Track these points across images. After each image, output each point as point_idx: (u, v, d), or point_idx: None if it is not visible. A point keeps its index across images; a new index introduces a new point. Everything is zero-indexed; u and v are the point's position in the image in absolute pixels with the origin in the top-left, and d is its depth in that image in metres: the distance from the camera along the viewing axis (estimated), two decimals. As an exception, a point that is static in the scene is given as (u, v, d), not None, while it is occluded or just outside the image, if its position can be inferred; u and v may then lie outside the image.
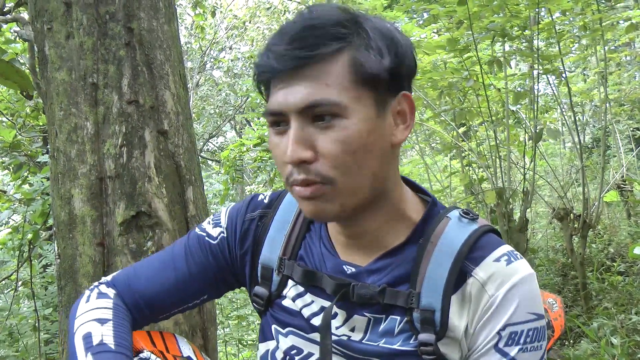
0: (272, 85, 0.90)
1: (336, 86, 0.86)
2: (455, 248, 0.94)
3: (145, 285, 1.10)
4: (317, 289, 1.02)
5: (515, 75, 4.50)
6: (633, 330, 3.36)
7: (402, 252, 0.98)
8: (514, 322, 0.91)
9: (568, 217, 3.95)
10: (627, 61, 6.52)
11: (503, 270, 0.93)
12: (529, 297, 0.92)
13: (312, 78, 0.86)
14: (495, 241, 0.97)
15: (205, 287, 1.12)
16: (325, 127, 0.87)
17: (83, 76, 1.64)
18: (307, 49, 0.85)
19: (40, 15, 1.69)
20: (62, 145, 1.64)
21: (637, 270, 4.22)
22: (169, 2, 1.80)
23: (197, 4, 7.16)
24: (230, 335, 4.94)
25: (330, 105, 0.86)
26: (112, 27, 1.65)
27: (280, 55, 0.85)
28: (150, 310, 1.11)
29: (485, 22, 3.58)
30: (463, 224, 0.97)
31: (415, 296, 0.94)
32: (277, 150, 0.92)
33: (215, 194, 7.55)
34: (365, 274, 0.99)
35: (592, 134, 7.15)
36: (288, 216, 1.08)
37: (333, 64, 0.86)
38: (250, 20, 11.68)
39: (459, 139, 4.52)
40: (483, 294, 0.92)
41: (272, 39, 0.89)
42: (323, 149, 0.87)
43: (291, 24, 0.88)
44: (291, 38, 0.85)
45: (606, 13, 3.96)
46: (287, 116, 0.88)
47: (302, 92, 0.86)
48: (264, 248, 1.08)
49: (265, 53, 0.89)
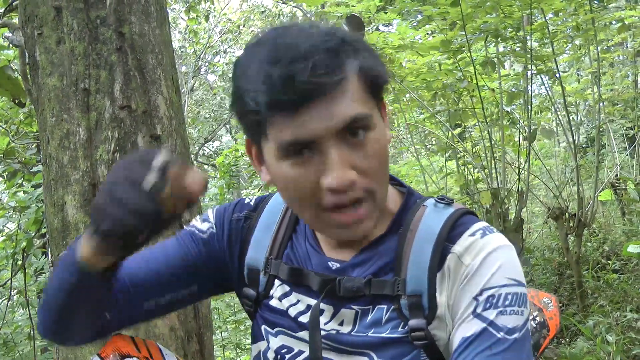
0: (284, 115, 0.85)
1: (359, 100, 0.88)
2: (434, 232, 0.96)
3: (133, 262, 1.05)
4: (302, 287, 1.03)
5: (510, 76, 4.51)
6: (628, 327, 3.37)
7: (384, 243, 1.00)
8: (491, 286, 0.91)
9: (563, 217, 3.96)
10: (620, 61, 6.54)
11: (478, 241, 0.94)
12: (506, 263, 0.93)
13: (339, 98, 0.85)
14: (472, 219, 0.99)
15: (195, 276, 1.09)
16: (360, 143, 0.88)
17: (74, 82, 1.63)
18: (336, 72, 0.84)
19: (31, 20, 1.68)
20: (54, 151, 1.63)
21: (632, 267, 4.23)
22: (161, 6, 1.80)
23: (190, 8, 7.16)
24: (229, 339, 4.92)
25: (365, 119, 0.88)
26: (103, 32, 1.65)
27: (309, 84, 0.82)
28: (134, 290, 1.05)
29: (479, 23, 3.59)
30: (439, 209, 1.00)
31: (401, 283, 0.95)
32: (300, 182, 0.89)
33: (211, 198, 7.54)
34: (350, 268, 1.00)
35: (586, 134, 7.17)
36: (274, 218, 1.09)
37: (352, 81, 0.87)
38: (244, 24, 11.68)
39: (454, 140, 4.53)
40: (460, 266, 0.93)
41: (273, 64, 0.83)
42: (363, 166, 0.88)
43: (295, 44, 0.84)
44: (313, 65, 0.82)
45: (598, 13, 3.98)
46: (318, 142, 0.86)
47: (336, 112, 0.85)
48: (250, 249, 1.09)
49: (272, 81, 0.83)
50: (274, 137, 0.87)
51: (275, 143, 0.88)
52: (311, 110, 0.84)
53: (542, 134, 4.63)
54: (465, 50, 3.69)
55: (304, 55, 0.83)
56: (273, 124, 0.86)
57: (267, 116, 0.86)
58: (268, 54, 0.85)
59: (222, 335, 4.98)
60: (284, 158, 0.88)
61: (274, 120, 0.86)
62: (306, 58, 0.82)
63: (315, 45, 0.84)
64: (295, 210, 0.98)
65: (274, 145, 0.88)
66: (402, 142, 7.09)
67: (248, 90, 0.87)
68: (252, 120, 0.89)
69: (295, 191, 0.90)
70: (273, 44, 0.86)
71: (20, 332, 3.79)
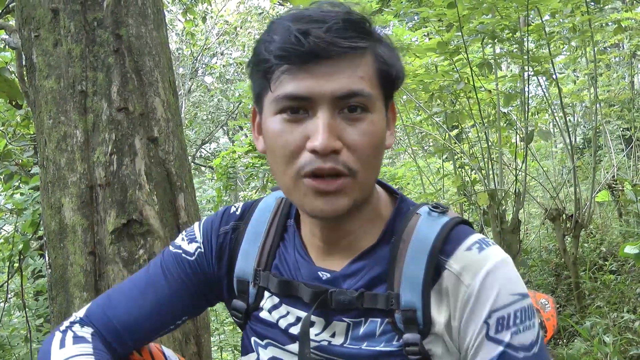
0: (290, 69, 0.87)
1: (367, 80, 0.89)
2: (428, 244, 0.94)
3: (124, 312, 1.05)
4: (292, 298, 1.01)
5: (506, 77, 4.52)
6: (625, 328, 3.38)
7: (375, 252, 0.98)
8: (498, 307, 0.90)
9: (560, 218, 3.97)
10: (616, 62, 6.56)
11: (476, 258, 0.92)
12: (507, 279, 0.91)
13: (348, 69, 0.87)
14: (466, 231, 0.97)
15: (186, 306, 1.08)
16: (355, 118, 0.88)
17: (72, 84, 1.63)
18: (350, 40, 0.86)
19: (27, 22, 1.68)
20: (52, 154, 1.63)
21: (629, 268, 4.24)
22: (158, 8, 1.79)
23: (187, 10, 7.16)
24: (226, 341, 4.91)
25: (366, 97, 0.88)
26: (101, 34, 1.65)
27: (321, 40, 0.84)
28: (132, 339, 1.06)
29: (476, 24, 3.59)
30: (433, 218, 0.97)
31: (395, 297, 0.93)
32: (286, 138, 0.89)
33: (209, 200, 7.53)
34: (340, 278, 0.98)
35: (583, 135, 7.19)
36: (261, 228, 1.07)
37: (364, 59, 0.89)
38: (241, 26, 11.68)
39: (451, 142, 4.53)
40: (460, 286, 0.91)
41: (295, 22, 0.87)
42: (352, 140, 0.87)
43: (319, 13, 0.87)
44: (329, 27, 0.85)
45: (595, 15, 3.99)
46: (313, 103, 0.87)
47: (340, 80, 0.86)
48: (239, 261, 1.06)
49: (289, 34, 0.86)
50: (275, 89, 0.88)
51: (274, 95, 0.88)
52: (317, 69, 0.85)
53: (539, 135, 4.64)
54: (462, 51, 3.69)
55: (324, 18, 0.86)
56: (278, 73, 0.87)
57: (274, 65, 0.87)
58: (293, 15, 0.88)
59: (219, 337, 4.97)
60: (278, 112, 0.89)
61: (280, 70, 0.87)
62: (325, 21, 0.85)
63: (338, 14, 0.87)
64: (276, 176, 0.94)
65: (273, 97, 0.89)
66: (400, 143, 7.10)
67: (264, 40, 0.90)
68: (260, 70, 0.90)
69: (280, 148, 0.90)
70: (301, 10, 0.89)
71: (17, 334, 3.77)
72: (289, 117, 0.89)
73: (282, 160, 0.90)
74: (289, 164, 0.89)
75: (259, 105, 0.95)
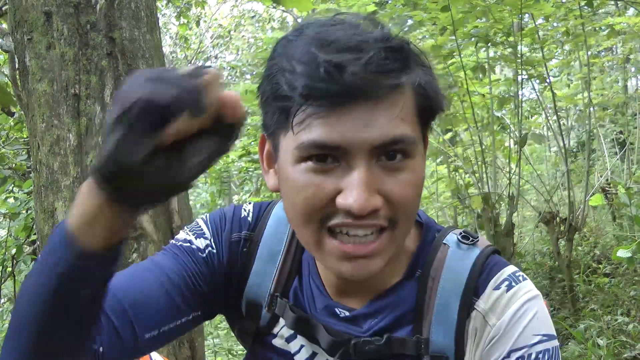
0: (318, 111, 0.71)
1: (409, 121, 0.74)
2: (460, 284, 0.84)
3: (129, 284, 0.86)
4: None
5: (500, 81, 4.54)
6: (619, 331, 3.39)
7: (400, 290, 0.87)
8: (519, 347, 0.81)
9: (554, 221, 3.98)
10: (610, 66, 6.60)
11: (503, 297, 0.83)
12: (534, 318, 0.82)
13: (388, 110, 0.72)
14: (498, 265, 0.86)
15: (201, 301, 0.91)
16: (395, 168, 0.74)
17: (65, 87, 1.62)
18: (393, 76, 0.71)
19: (20, 25, 1.67)
20: (45, 157, 1.63)
21: (623, 271, 4.25)
22: (151, 11, 1.79)
23: (181, 13, 7.16)
24: (220, 345, 4.90)
25: (408, 144, 0.74)
26: (94, 37, 1.64)
27: (360, 79, 0.68)
28: (136, 318, 0.84)
29: (469, 28, 3.61)
30: (463, 252, 0.86)
31: (424, 342, 0.84)
32: (312, 191, 0.74)
33: (203, 204, 7.52)
34: (361, 318, 0.87)
35: (577, 138, 7.21)
36: (277, 246, 0.92)
37: (404, 94, 0.74)
38: (235, 29, 11.68)
39: (445, 145, 4.54)
40: (485, 326, 0.83)
41: (322, 47, 0.70)
42: (391, 193, 0.74)
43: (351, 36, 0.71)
44: (369, 60, 0.68)
45: (588, 19, 4.01)
46: (346, 153, 0.72)
47: (379, 126, 0.71)
48: (251, 280, 0.93)
49: (316, 66, 0.69)
50: (299, 133, 0.72)
51: (297, 140, 0.72)
52: (352, 112, 0.70)
53: (532, 139, 4.66)
54: (456, 55, 3.71)
55: (359, 46, 0.69)
56: (303, 115, 0.71)
57: (299, 104, 0.71)
58: (317, 36, 0.72)
59: (213, 341, 4.96)
60: (301, 160, 0.74)
61: (306, 111, 0.71)
62: (362, 50, 0.69)
63: (375, 39, 0.71)
64: (294, 225, 0.81)
65: (296, 142, 0.73)
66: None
67: (284, 69, 0.72)
68: (278, 107, 0.74)
69: (303, 202, 0.75)
70: (324, 28, 0.73)
71: (10, 339, 3.75)
72: (316, 165, 0.73)
73: (304, 215, 0.76)
74: (314, 217, 0.75)
75: (272, 140, 0.79)
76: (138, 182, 0.60)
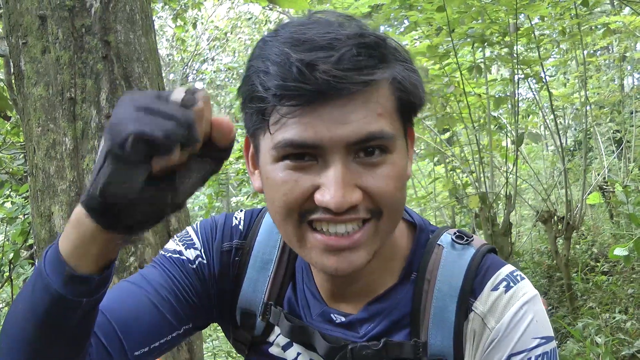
0: (292, 110, 0.71)
1: (387, 117, 0.74)
2: (456, 286, 0.84)
3: (116, 303, 0.85)
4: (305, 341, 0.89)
5: (496, 81, 4.54)
6: (617, 329, 3.40)
7: (395, 293, 0.87)
8: (518, 351, 0.81)
9: (552, 220, 3.98)
10: (606, 65, 6.61)
11: (502, 298, 0.83)
12: (533, 321, 0.82)
13: (364, 106, 0.71)
14: (494, 265, 0.86)
15: (190, 314, 0.91)
16: (373, 163, 0.74)
17: (60, 91, 1.62)
18: (366, 72, 0.70)
19: (15, 29, 1.67)
20: (41, 161, 1.62)
21: (620, 269, 4.26)
22: (146, 14, 1.79)
23: (177, 15, 7.15)
24: (220, 347, 4.90)
25: (385, 139, 0.73)
26: (89, 41, 1.64)
27: (331, 76, 0.68)
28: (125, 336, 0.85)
29: (465, 29, 3.61)
30: (458, 252, 0.86)
31: (422, 345, 0.83)
32: (290, 187, 0.74)
33: (201, 206, 7.51)
34: (357, 323, 0.86)
35: (574, 137, 7.22)
36: (269, 255, 0.92)
37: (381, 90, 0.73)
38: (231, 31, 11.69)
39: (442, 145, 4.55)
40: (484, 329, 0.83)
41: (295, 47, 0.70)
42: (373, 188, 0.74)
43: (324, 35, 0.70)
44: (340, 57, 0.68)
45: (584, 18, 4.02)
46: (322, 150, 0.72)
47: (354, 122, 0.71)
48: (244, 289, 0.92)
49: (289, 66, 0.69)
50: (275, 133, 0.73)
51: (274, 140, 0.73)
52: (326, 110, 0.70)
53: (529, 138, 4.67)
54: (452, 55, 3.71)
55: (331, 44, 0.69)
56: (278, 115, 0.72)
57: (273, 104, 0.71)
58: (291, 36, 0.71)
59: (212, 343, 4.96)
60: (279, 159, 0.74)
61: (280, 111, 0.71)
62: (333, 48, 0.69)
63: (348, 36, 0.70)
64: (276, 222, 0.80)
65: (272, 142, 0.73)
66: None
67: (258, 70, 0.72)
68: (255, 108, 0.74)
69: (282, 198, 0.75)
70: (299, 27, 0.73)
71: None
72: (293, 163, 0.73)
73: (284, 211, 0.76)
74: (294, 213, 0.75)
75: (253, 141, 0.80)
76: (132, 210, 0.61)
